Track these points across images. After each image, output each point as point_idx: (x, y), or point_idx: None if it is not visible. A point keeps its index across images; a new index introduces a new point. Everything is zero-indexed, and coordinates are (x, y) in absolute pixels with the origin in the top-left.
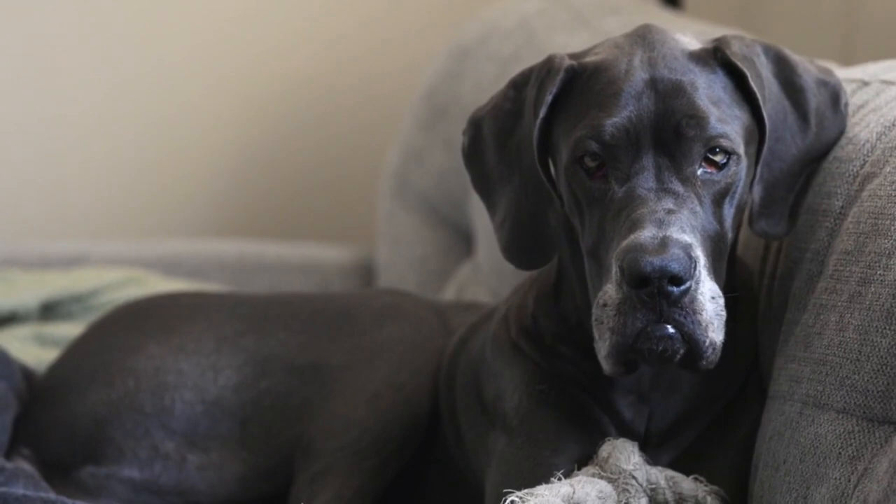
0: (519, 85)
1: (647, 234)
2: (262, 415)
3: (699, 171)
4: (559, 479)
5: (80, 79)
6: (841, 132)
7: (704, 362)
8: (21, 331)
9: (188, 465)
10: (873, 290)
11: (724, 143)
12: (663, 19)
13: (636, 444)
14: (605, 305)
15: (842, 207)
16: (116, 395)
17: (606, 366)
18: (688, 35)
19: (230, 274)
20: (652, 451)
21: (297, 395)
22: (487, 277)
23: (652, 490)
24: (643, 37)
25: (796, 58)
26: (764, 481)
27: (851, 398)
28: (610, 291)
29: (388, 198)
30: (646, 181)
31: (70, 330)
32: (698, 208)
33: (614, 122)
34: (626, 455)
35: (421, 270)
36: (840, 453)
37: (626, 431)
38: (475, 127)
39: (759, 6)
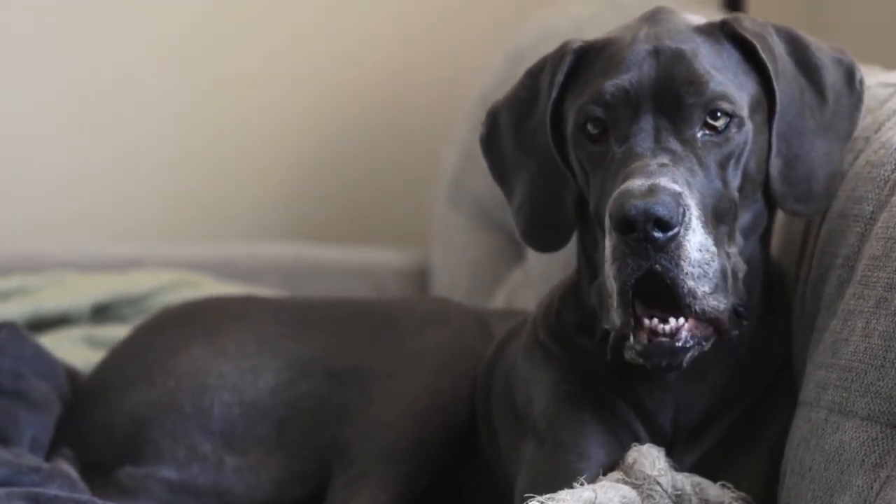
0: (534, 73)
1: (636, 182)
2: (300, 418)
3: (699, 134)
4: (582, 485)
5: (138, 83)
6: (858, 108)
7: (690, 305)
8: (72, 332)
9: (225, 466)
10: None
11: (725, 105)
12: None
13: (662, 449)
14: (606, 259)
15: (872, 212)
16: (156, 396)
17: (619, 318)
18: (700, 16)
19: (286, 277)
20: (679, 449)
21: (335, 398)
22: (536, 283)
23: (677, 496)
24: (652, 16)
25: (809, 37)
26: (791, 488)
27: (876, 405)
28: (607, 243)
29: (444, 201)
30: (644, 141)
31: (121, 332)
32: (697, 168)
33: (614, 83)
34: (651, 460)
35: (473, 274)
36: (863, 461)
37: (652, 427)
38: (492, 117)
39: (823, 9)
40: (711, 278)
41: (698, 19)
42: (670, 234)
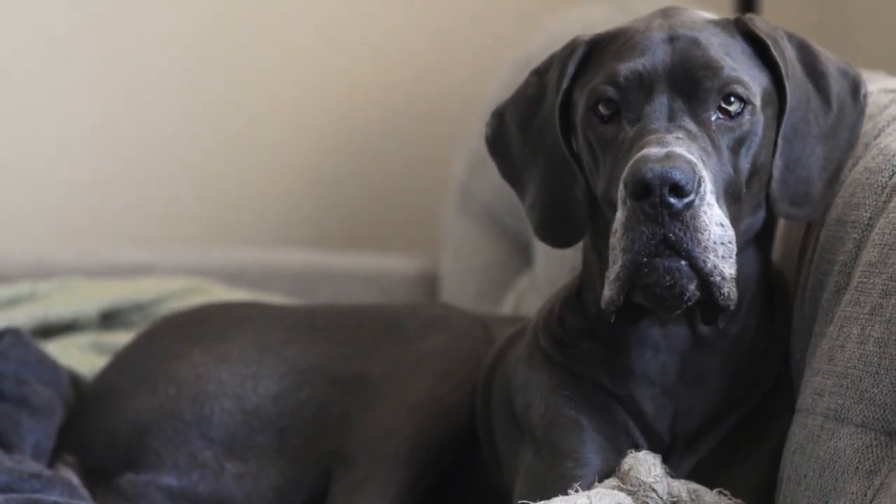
0: (541, 71)
1: (653, 149)
2: (302, 425)
3: (713, 117)
4: (577, 491)
5: (147, 90)
6: (860, 121)
7: (718, 293)
8: (80, 339)
9: (226, 473)
10: (894, 302)
11: (739, 89)
12: None
13: (658, 456)
14: (614, 233)
15: (869, 219)
16: (158, 402)
17: (609, 291)
18: (712, 13)
19: (295, 284)
20: (677, 455)
21: (337, 405)
22: (544, 289)
23: (673, 503)
24: (664, 11)
25: (818, 47)
26: (787, 495)
27: (870, 412)
28: (618, 216)
29: (453, 208)
30: (658, 119)
31: (129, 339)
32: (710, 149)
33: (628, 65)
34: (646, 467)
35: (481, 280)
36: (857, 468)
37: (651, 434)
38: (498, 117)
39: (836, 15)
40: (731, 259)
41: (711, 15)
42: (686, 200)
